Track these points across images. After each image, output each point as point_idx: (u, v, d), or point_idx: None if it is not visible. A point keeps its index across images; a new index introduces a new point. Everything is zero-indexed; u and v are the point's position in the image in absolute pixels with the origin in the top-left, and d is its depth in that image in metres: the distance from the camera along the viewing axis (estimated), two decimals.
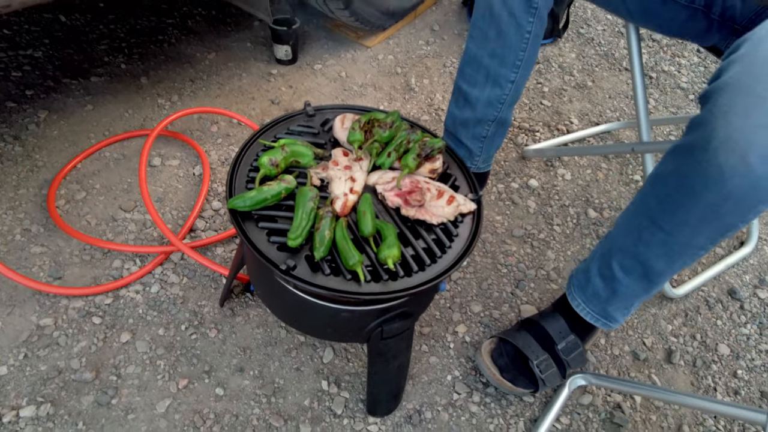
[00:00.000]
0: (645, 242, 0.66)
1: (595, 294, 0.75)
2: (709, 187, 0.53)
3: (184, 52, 1.33)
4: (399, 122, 0.65)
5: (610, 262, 0.71)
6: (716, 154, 0.50)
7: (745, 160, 0.48)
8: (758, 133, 0.47)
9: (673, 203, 0.60)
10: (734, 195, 0.52)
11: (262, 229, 0.54)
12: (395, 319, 0.58)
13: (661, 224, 0.62)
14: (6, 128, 1.06)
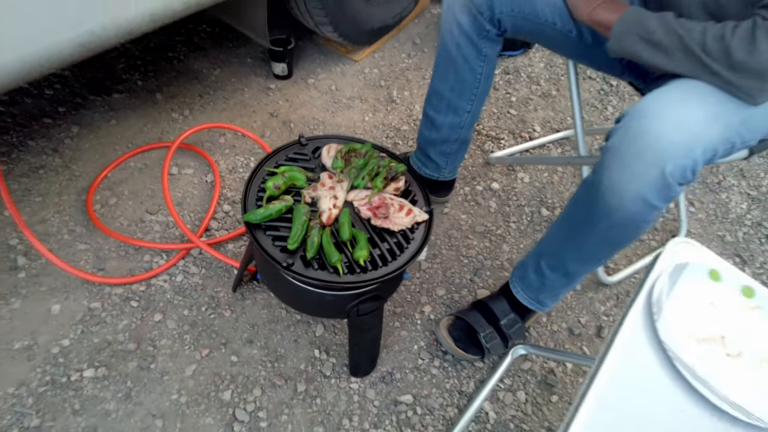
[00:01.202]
0: (564, 249, 0.86)
1: (530, 284, 0.96)
2: (601, 218, 0.74)
3: (192, 68, 1.51)
4: (372, 151, 0.84)
5: (540, 261, 0.91)
6: (604, 196, 0.70)
7: (623, 203, 0.68)
8: (629, 185, 0.66)
9: (581, 224, 0.80)
10: (618, 224, 0.72)
11: (268, 236, 0.74)
12: (367, 301, 0.78)
13: (575, 238, 0.83)
14: (46, 142, 1.24)
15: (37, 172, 1.18)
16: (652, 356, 0.56)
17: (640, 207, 0.68)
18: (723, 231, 1.42)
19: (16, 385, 0.88)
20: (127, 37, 0.89)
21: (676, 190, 0.65)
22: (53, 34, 0.78)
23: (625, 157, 0.66)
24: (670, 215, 1.42)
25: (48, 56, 0.80)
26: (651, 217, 0.70)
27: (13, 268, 1.02)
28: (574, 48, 0.94)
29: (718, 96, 0.67)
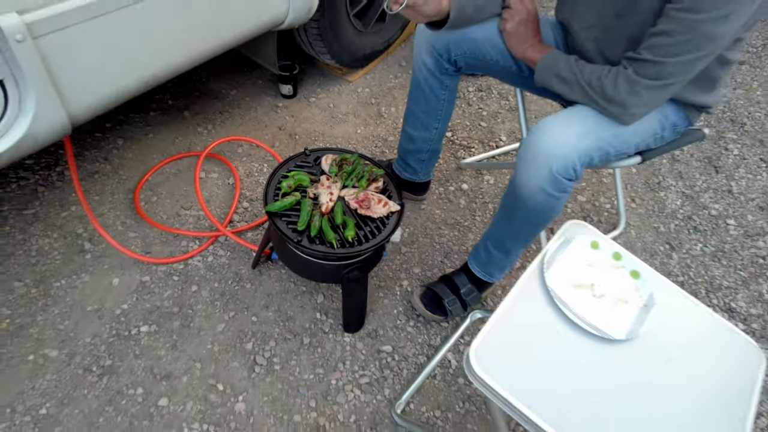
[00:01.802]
0: (502, 232, 1.15)
1: (481, 261, 1.24)
2: (520, 206, 1.02)
3: (213, 89, 1.80)
4: (358, 160, 1.13)
5: (488, 243, 1.20)
6: (519, 190, 0.99)
7: (530, 194, 0.97)
8: (531, 181, 0.95)
9: (510, 212, 1.08)
10: (532, 210, 1.01)
11: (283, 221, 1.02)
12: (355, 270, 1.06)
13: (507, 223, 1.11)
14: (97, 152, 1.53)
15: (93, 176, 1.47)
16: (540, 297, 0.84)
17: (542, 197, 0.96)
18: (658, 223, 1.71)
19: (91, 337, 1.17)
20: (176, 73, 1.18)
21: (565, 183, 0.94)
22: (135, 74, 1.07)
23: (528, 162, 0.94)
24: (613, 210, 1.70)
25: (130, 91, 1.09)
26: (555, 203, 0.98)
27: (81, 251, 1.30)
28: (514, 79, 1.23)
29: (596, 118, 0.96)
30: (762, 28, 2.89)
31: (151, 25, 1.05)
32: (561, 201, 1.00)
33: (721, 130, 2.15)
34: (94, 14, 0.93)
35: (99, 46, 0.98)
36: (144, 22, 1.03)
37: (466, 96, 1.98)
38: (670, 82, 0.90)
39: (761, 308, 1.51)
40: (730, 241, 1.69)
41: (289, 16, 1.37)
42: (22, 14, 0.84)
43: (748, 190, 1.89)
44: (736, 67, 2.34)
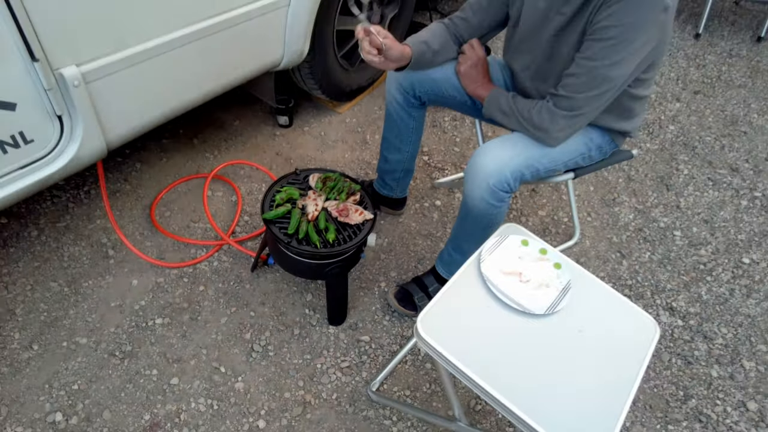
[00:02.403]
0: (459, 236, 1.37)
1: (445, 262, 1.46)
2: (469, 213, 1.25)
3: (219, 119, 2.06)
4: (339, 177, 1.37)
5: (449, 246, 1.42)
6: (467, 200, 1.22)
7: (475, 203, 1.20)
8: (474, 192, 1.18)
9: (464, 219, 1.31)
10: (479, 217, 1.23)
11: (277, 226, 1.25)
12: (335, 268, 1.29)
13: (463, 228, 1.34)
14: (119, 174, 1.78)
15: (115, 194, 1.71)
16: (476, 281, 1.06)
17: (485, 206, 1.19)
18: (611, 234, 1.93)
19: (114, 327, 1.39)
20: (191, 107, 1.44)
21: (501, 194, 1.17)
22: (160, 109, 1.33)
23: (472, 177, 1.18)
24: (570, 223, 1.93)
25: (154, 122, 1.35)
26: (496, 211, 1.21)
27: (105, 257, 1.53)
28: (470, 111, 1.48)
29: (527, 141, 1.20)
30: (716, 62, 3.19)
31: (175, 70, 1.31)
32: (501, 209, 1.23)
33: (674, 153, 2.40)
34: (132, 63, 1.19)
35: (133, 87, 1.24)
36: (169, 68, 1.29)
37: (442, 124, 2.24)
38: (581, 112, 1.14)
39: (699, 307, 1.72)
40: (675, 249, 1.91)
41: (284, 60, 1.64)
42: (79, 66, 1.09)
43: (695, 206, 2.13)
44: (649, 101, 2.60)
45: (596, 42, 1.07)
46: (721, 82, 3.01)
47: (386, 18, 2.08)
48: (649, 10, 1.02)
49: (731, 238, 2.00)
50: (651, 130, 2.51)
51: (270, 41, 1.54)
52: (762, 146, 2.54)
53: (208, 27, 1.32)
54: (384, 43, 1.21)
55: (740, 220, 2.09)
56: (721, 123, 2.66)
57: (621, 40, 1.04)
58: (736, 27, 3.65)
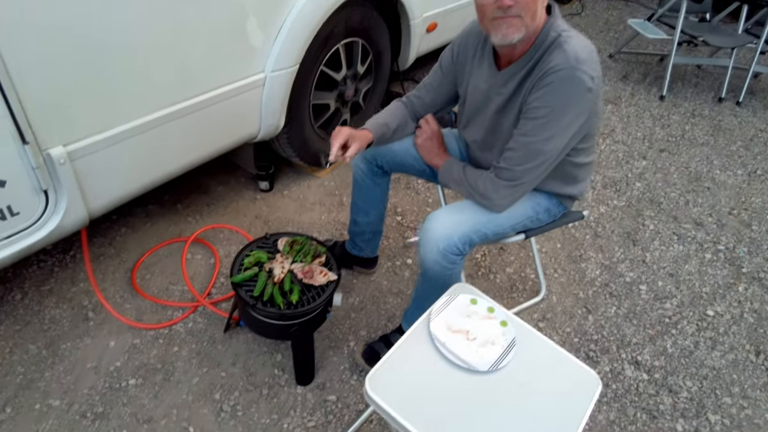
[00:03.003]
0: (420, 295, 1.44)
1: (409, 320, 1.52)
2: (425, 275, 1.34)
3: (203, 185, 2.18)
4: (306, 241, 1.46)
5: (413, 305, 1.49)
6: (422, 262, 1.31)
7: (428, 266, 1.29)
8: (427, 256, 1.27)
9: (422, 279, 1.39)
10: (434, 278, 1.32)
11: (243, 288, 1.33)
12: (300, 328, 1.36)
13: (423, 287, 1.41)
14: (104, 239, 1.88)
15: (99, 258, 1.80)
16: (425, 340, 1.13)
17: (438, 267, 1.28)
18: (578, 290, 2.01)
19: (88, 389, 1.43)
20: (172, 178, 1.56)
21: (452, 257, 1.26)
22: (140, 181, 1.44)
23: (424, 242, 1.28)
24: (537, 280, 2.01)
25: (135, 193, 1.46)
26: (448, 273, 1.30)
27: (85, 319, 1.60)
28: (430, 177, 1.59)
29: (474, 208, 1.30)
30: (680, 121, 3.38)
31: (156, 146, 1.44)
32: (454, 270, 1.31)
33: (640, 209, 2.51)
34: (115, 141, 1.32)
35: (116, 162, 1.36)
36: (151, 144, 1.42)
37: (415, 186, 2.37)
38: (521, 182, 1.25)
39: (664, 361, 1.77)
40: (641, 303, 1.98)
41: (261, 133, 1.78)
42: (66, 146, 1.21)
43: (661, 260, 2.21)
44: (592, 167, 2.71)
45: (530, 120, 1.20)
46: (685, 140, 3.18)
47: (360, 92, 2.25)
48: (574, 93, 1.15)
49: (696, 291, 2.08)
50: (618, 188, 2.64)
51: (246, 117, 1.69)
52: (725, 201, 2.66)
53: (188, 107, 1.46)
54: (350, 155, 1.34)
55: (705, 273, 2.17)
56: (685, 179, 2.80)
57: (551, 118, 1.17)
58: (699, 89, 3.88)
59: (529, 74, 1.20)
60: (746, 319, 1.97)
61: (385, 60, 2.27)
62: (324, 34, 1.79)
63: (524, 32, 1.14)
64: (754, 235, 2.44)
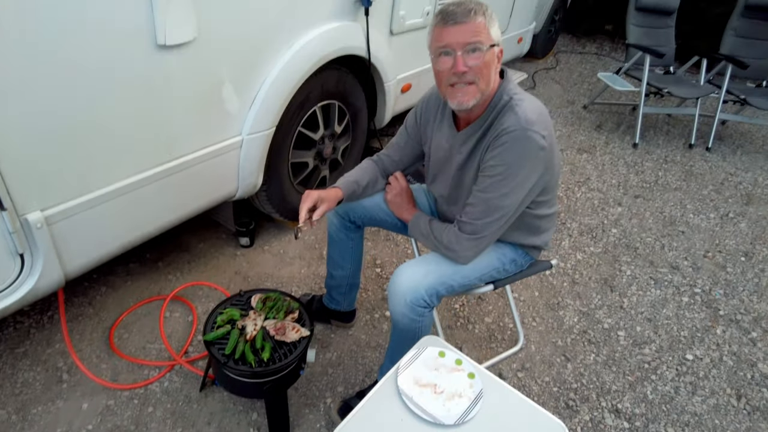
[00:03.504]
0: (394, 349, 1.46)
1: (384, 374, 1.53)
2: (395, 328, 1.36)
3: (185, 243, 2.22)
4: (279, 297, 1.49)
5: (387, 359, 1.51)
6: (391, 315, 1.34)
7: (397, 318, 1.32)
8: (395, 309, 1.30)
9: (393, 332, 1.42)
10: (404, 330, 1.34)
11: (216, 347, 1.35)
12: (272, 386, 1.36)
13: (395, 340, 1.43)
14: (84, 298, 1.89)
15: (77, 318, 1.81)
16: (393, 394, 1.14)
17: (406, 320, 1.31)
18: (556, 338, 2.02)
19: None
20: (150, 238, 1.60)
21: (420, 310, 1.29)
22: (117, 242, 1.48)
23: (392, 295, 1.31)
24: (516, 329, 2.02)
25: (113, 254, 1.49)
26: (417, 325, 1.32)
27: (59, 381, 1.59)
28: (402, 231, 1.64)
29: (439, 260, 1.35)
30: (653, 168, 3.50)
31: (133, 208, 1.49)
32: (423, 322, 1.34)
33: (617, 255, 2.56)
34: (93, 205, 1.37)
35: (94, 225, 1.40)
36: (128, 206, 1.47)
37: (394, 238, 2.42)
38: (482, 235, 1.31)
39: (644, 408, 1.76)
40: (620, 350, 1.99)
41: (239, 192, 1.84)
42: (43, 210, 1.26)
43: (638, 305, 2.24)
44: (555, 217, 2.78)
45: (487, 177, 1.26)
46: (658, 186, 3.29)
47: (338, 150, 2.35)
48: (527, 151, 1.22)
49: (674, 335, 2.10)
50: (594, 234, 2.71)
51: (224, 178, 1.75)
52: (699, 244, 2.73)
53: (165, 170, 1.52)
54: (315, 219, 1.39)
55: (682, 317, 2.20)
56: (660, 224, 2.87)
57: (506, 175, 1.24)
58: (670, 136, 4.05)
59: (484, 135, 1.27)
60: (725, 362, 1.99)
61: (361, 119, 2.38)
62: (300, 98, 1.90)
63: (479, 97, 1.23)
64: (730, 277, 2.49)
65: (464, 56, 1.17)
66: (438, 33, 1.20)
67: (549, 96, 4.57)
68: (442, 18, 1.19)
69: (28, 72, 1.12)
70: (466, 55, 1.17)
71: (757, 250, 2.72)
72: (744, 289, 2.41)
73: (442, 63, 1.21)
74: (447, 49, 1.19)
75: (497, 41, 1.21)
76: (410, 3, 2.30)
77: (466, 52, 1.17)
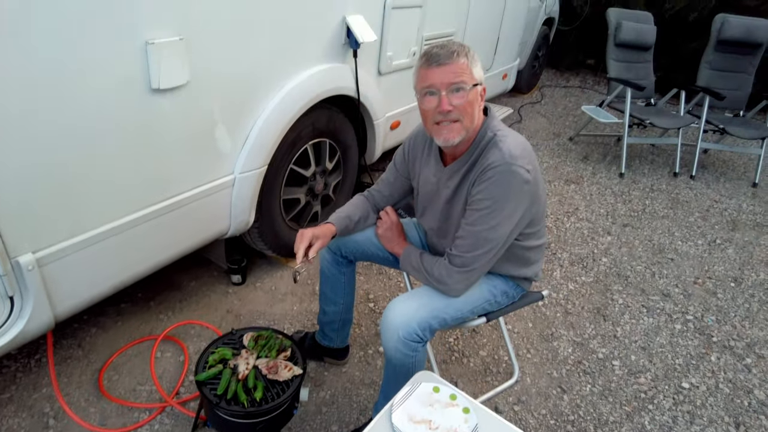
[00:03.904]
0: (388, 384, 1.45)
1: (379, 411, 1.51)
2: (389, 363, 1.36)
3: (176, 281, 2.21)
4: (271, 335, 1.49)
5: (382, 395, 1.49)
6: (385, 351, 1.33)
7: (390, 354, 1.32)
8: (388, 344, 1.30)
9: (386, 367, 1.41)
10: (397, 365, 1.33)
11: (208, 387, 1.33)
12: (265, 426, 1.34)
13: (388, 375, 1.42)
14: (73, 340, 1.86)
15: (66, 361, 1.78)
16: None
17: (400, 355, 1.31)
18: (551, 369, 2.01)
19: None
20: (141, 278, 1.59)
21: (413, 345, 1.29)
22: (108, 283, 1.48)
23: (384, 330, 1.31)
24: (511, 362, 2.01)
25: (104, 294, 1.49)
26: (410, 360, 1.32)
27: (45, 428, 1.55)
28: (393, 264, 1.66)
29: (431, 293, 1.36)
30: (640, 196, 3.56)
31: (125, 248, 1.49)
32: (416, 357, 1.34)
33: (608, 284, 2.58)
34: (85, 246, 1.37)
35: (86, 266, 1.40)
36: (120, 247, 1.47)
37: (387, 272, 2.42)
38: (473, 268, 1.32)
39: None
40: (615, 380, 1.98)
41: (231, 229, 1.86)
42: (35, 252, 1.26)
43: (632, 333, 2.24)
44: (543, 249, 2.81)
45: (475, 211, 1.29)
46: (646, 214, 3.34)
47: (330, 186, 2.38)
48: (513, 185, 1.26)
49: (669, 363, 2.09)
50: (585, 264, 2.73)
51: (217, 216, 1.77)
52: (689, 271, 2.76)
53: (158, 210, 1.53)
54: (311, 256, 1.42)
55: (676, 344, 2.20)
56: (649, 252, 2.91)
57: (494, 209, 1.27)
58: (655, 165, 4.14)
59: (471, 170, 1.31)
60: (722, 389, 1.98)
61: (352, 156, 2.43)
62: (292, 137, 1.94)
63: (464, 134, 1.27)
64: (720, 303, 2.51)
65: (449, 96, 1.22)
66: (423, 74, 1.25)
67: (535, 129, 4.68)
68: (427, 60, 1.24)
69: (26, 115, 1.15)
70: (450, 94, 1.22)
71: (746, 276, 2.75)
72: (735, 314, 2.43)
73: (427, 102, 1.26)
74: (432, 89, 1.24)
75: (480, 81, 1.26)
76: (397, 44, 2.39)
77: (450, 92, 1.22)
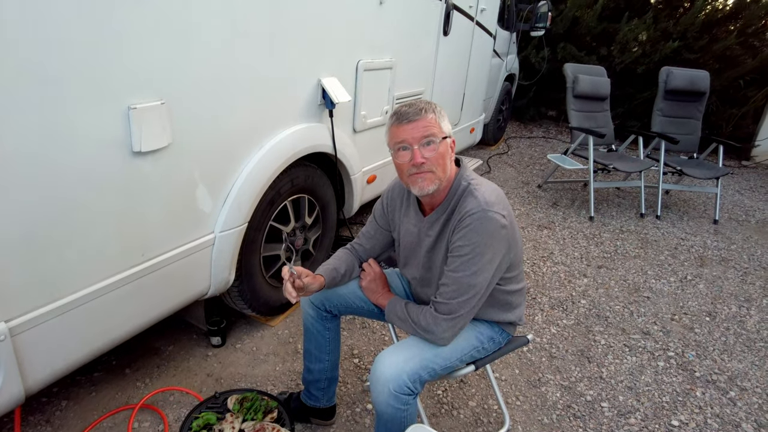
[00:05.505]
0: None
1: None
2: (380, 418, 1.32)
3: (153, 346, 2.14)
4: (256, 396, 1.44)
5: None
6: (374, 405, 1.31)
7: (381, 408, 1.29)
8: (379, 398, 1.27)
9: (377, 424, 1.37)
10: (389, 420, 1.30)
11: None
12: None
13: (376, 430, 1.39)
14: (41, 416, 1.76)
15: None
16: None
17: (391, 410, 1.28)
18: (542, 416, 1.99)
19: None
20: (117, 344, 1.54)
21: (404, 398, 1.27)
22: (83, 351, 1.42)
23: (374, 384, 1.29)
24: (501, 411, 1.98)
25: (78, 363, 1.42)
26: (402, 414, 1.29)
27: None
28: (378, 317, 1.65)
29: (419, 344, 1.35)
30: (611, 238, 3.67)
31: (102, 314, 1.45)
32: (408, 411, 1.31)
33: (589, 325, 2.61)
34: (60, 312, 1.33)
35: (59, 333, 1.35)
36: (97, 312, 1.43)
37: (371, 325, 2.40)
38: (459, 314, 1.33)
39: None
40: (606, 422, 1.97)
41: (211, 289, 1.83)
42: (7, 322, 1.22)
43: (617, 374, 2.25)
44: (524, 293, 2.88)
45: (456, 258, 1.32)
46: (618, 255, 3.44)
47: (309, 240, 2.39)
48: (491, 230, 1.30)
49: (656, 401, 2.10)
50: (565, 307, 2.76)
51: (197, 276, 1.75)
52: (665, 308, 2.82)
53: (138, 272, 1.51)
54: (305, 282, 1.42)
55: (662, 382, 2.21)
56: (626, 291, 2.97)
57: (474, 254, 1.30)
58: (622, 207, 4.31)
59: (449, 218, 1.35)
60: (711, 425, 1.99)
61: (331, 210, 2.46)
62: (271, 194, 1.97)
63: (438, 184, 1.33)
64: (698, 338, 2.56)
65: (420, 149, 1.29)
66: (395, 131, 1.32)
67: (504, 179, 4.84)
68: (397, 118, 1.32)
69: (3, 183, 1.14)
70: (422, 147, 1.29)
71: (719, 310, 2.83)
72: (714, 348, 2.48)
73: (401, 157, 1.32)
74: (404, 144, 1.30)
75: (449, 133, 1.34)
76: (370, 104, 2.50)
77: (421, 146, 1.29)
